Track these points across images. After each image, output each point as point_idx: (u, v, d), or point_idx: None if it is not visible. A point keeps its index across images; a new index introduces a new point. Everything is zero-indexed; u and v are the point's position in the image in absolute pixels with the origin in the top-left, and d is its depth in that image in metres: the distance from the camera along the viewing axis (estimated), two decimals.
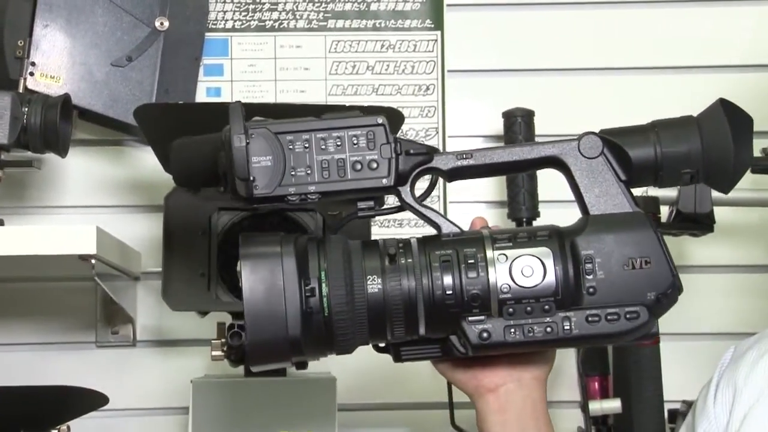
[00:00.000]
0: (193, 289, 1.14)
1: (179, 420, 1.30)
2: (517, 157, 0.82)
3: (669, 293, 0.78)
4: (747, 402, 0.87)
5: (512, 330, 0.80)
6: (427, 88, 1.41)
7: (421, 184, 0.88)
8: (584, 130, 0.82)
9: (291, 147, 0.79)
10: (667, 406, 1.18)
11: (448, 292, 0.80)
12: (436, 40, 1.40)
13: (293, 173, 0.79)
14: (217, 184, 0.84)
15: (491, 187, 1.34)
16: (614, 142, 0.80)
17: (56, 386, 1.13)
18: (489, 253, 0.80)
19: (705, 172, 0.80)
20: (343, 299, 0.80)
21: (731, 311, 1.08)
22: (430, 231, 0.85)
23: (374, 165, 0.80)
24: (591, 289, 0.78)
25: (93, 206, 1.37)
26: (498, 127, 1.29)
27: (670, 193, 1.23)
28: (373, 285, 0.80)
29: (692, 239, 1.27)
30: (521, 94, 1.33)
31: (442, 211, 1.33)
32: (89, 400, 1.11)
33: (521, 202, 1.23)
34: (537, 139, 1.25)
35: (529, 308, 0.79)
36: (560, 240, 0.80)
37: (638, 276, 0.78)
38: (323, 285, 0.80)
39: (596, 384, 1.28)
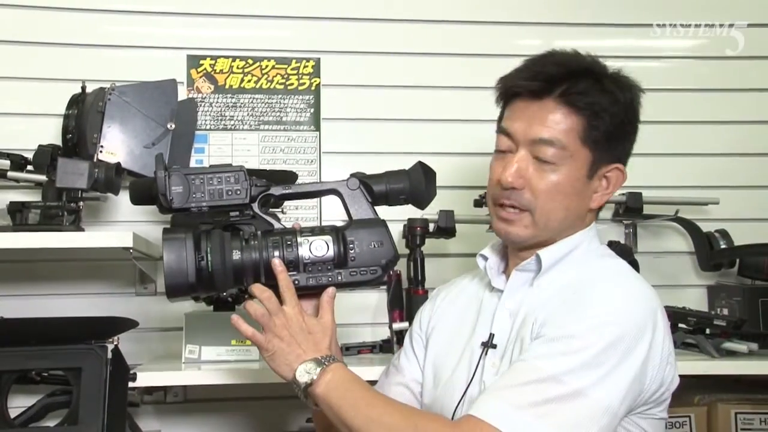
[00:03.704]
0: None
1: (178, 334, 1.36)
2: (314, 189, 0.92)
3: (392, 260, 0.90)
4: (433, 322, 1.02)
5: (310, 279, 0.86)
6: (311, 161, 1.54)
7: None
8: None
9: (193, 181, 0.81)
10: None
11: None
12: (316, 136, 1.54)
13: (194, 196, 0.81)
14: (153, 203, 0.87)
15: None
16: (366, 181, 0.89)
17: (111, 316, 1.25)
18: (299, 239, 0.86)
19: (411, 198, 0.92)
20: (219, 264, 0.83)
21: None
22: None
23: (238, 192, 0.83)
24: (353, 258, 0.87)
25: (132, 221, 1.47)
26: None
27: (434, 217, 1.41)
28: (236, 255, 0.84)
29: (446, 240, 1.48)
30: (364, 166, 1.16)
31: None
32: (128, 323, 1.17)
33: None
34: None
35: (320, 267, 0.86)
36: (337, 232, 0.88)
37: (377, 251, 0.86)
38: (208, 255, 0.83)
39: (396, 314, 1.36)
